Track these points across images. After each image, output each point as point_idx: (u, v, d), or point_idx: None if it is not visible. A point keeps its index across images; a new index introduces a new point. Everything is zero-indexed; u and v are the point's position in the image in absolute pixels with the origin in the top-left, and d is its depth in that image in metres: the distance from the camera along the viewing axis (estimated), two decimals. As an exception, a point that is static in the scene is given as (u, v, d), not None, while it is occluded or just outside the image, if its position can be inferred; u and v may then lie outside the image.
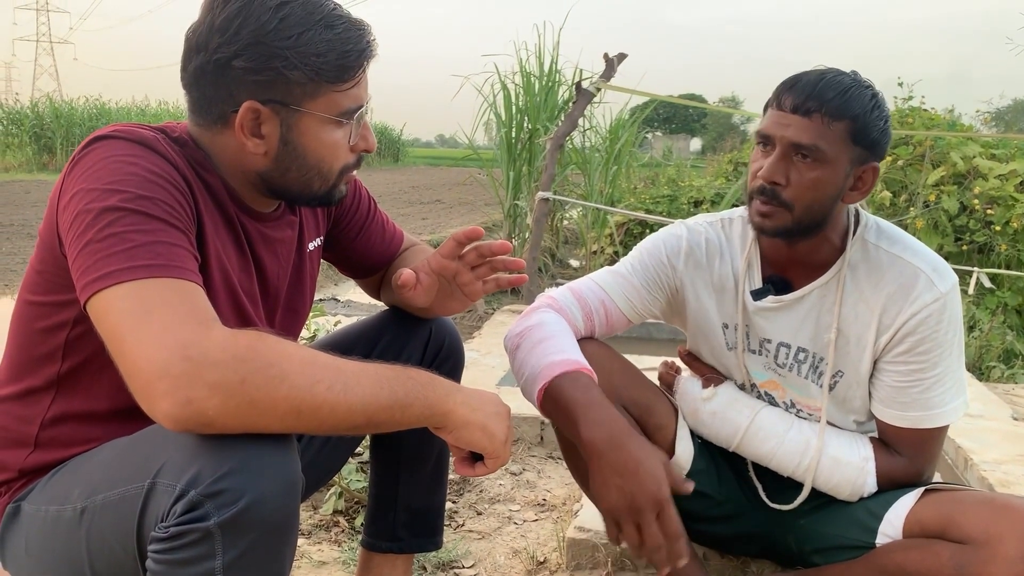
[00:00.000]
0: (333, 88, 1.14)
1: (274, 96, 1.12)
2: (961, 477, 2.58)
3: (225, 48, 1.09)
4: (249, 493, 0.91)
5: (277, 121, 1.14)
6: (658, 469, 1.26)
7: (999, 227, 6.00)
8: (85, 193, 1.02)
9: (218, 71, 1.11)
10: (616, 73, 5.80)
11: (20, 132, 21.35)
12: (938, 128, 7.02)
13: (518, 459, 2.68)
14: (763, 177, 1.39)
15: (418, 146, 55.63)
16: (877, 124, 1.37)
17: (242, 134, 1.14)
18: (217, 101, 1.13)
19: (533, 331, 1.48)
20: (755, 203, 1.42)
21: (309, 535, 2.08)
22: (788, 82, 1.39)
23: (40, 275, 1.13)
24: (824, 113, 1.33)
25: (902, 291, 1.42)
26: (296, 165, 1.18)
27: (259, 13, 1.09)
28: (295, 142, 1.16)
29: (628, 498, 1.25)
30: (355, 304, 5.67)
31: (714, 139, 39.61)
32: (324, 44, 1.11)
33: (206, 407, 0.90)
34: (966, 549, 1.31)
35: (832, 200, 1.40)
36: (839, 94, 1.34)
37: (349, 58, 1.13)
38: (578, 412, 1.32)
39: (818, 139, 1.34)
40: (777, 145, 1.38)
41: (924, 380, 1.43)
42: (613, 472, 1.27)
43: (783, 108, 1.37)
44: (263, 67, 1.09)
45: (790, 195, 1.38)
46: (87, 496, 1.04)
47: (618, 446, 1.28)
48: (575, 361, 1.40)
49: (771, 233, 1.42)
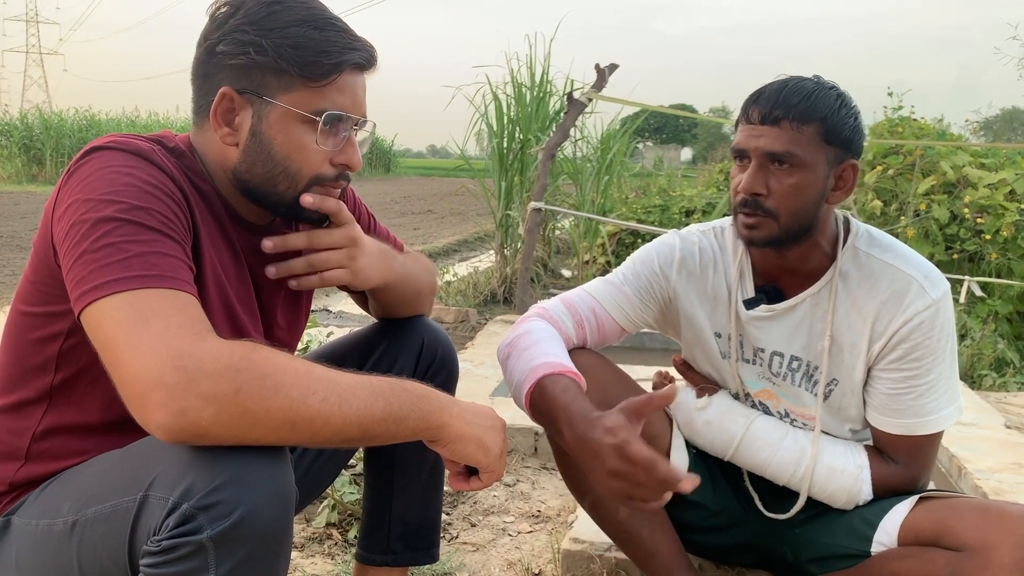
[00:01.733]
0: (307, 84, 1.13)
1: (248, 85, 1.12)
2: (955, 486, 2.58)
3: (214, 35, 1.12)
4: (242, 506, 0.90)
5: (250, 111, 1.14)
6: (603, 423, 1.21)
7: (989, 236, 6.03)
8: (81, 204, 1.02)
9: (206, 60, 1.14)
10: (607, 84, 5.83)
11: (10, 144, 21.33)
12: (928, 137, 7.06)
13: (512, 470, 2.67)
14: (743, 190, 1.40)
15: (409, 156, 55.68)
16: (847, 122, 1.38)
17: (216, 121, 1.14)
18: (205, 92, 1.15)
19: (521, 339, 1.48)
20: (740, 217, 1.43)
21: (302, 548, 2.07)
22: (753, 96, 1.41)
23: (34, 285, 1.12)
24: (792, 119, 1.36)
25: (895, 298, 1.42)
26: (262, 160, 1.16)
27: (251, 5, 1.12)
28: (264, 134, 1.14)
29: (624, 478, 1.18)
30: (347, 315, 5.66)
31: (705, 149, 39.82)
32: (305, 40, 1.11)
33: (200, 417, 0.89)
34: (961, 556, 1.30)
35: (816, 203, 1.41)
36: (803, 98, 1.36)
37: (327, 56, 1.13)
38: (559, 415, 1.31)
39: (790, 145, 1.36)
40: (752, 157, 1.39)
41: (918, 387, 1.43)
42: (596, 458, 1.21)
43: (752, 121, 1.39)
44: (239, 51, 1.11)
45: (773, 204, 1.39)
46: (78, 509, 1.03)
47: (581, 435, 1.23)
48: (559, 364, 1.39)
49: (761, 244, 1.43)
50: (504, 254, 6.61)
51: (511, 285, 6.27)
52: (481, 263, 8.53)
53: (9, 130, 21.57)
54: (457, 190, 9.30)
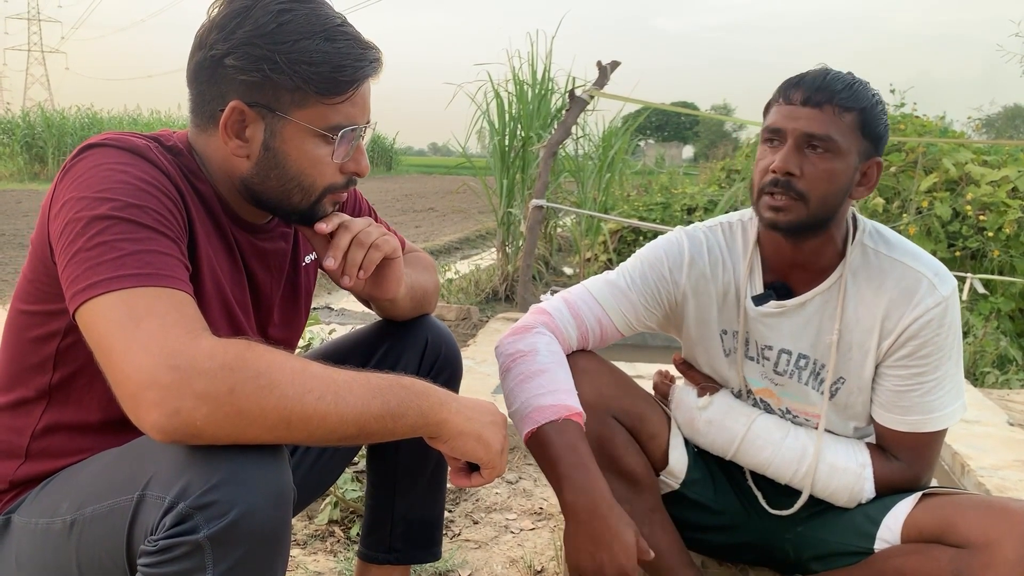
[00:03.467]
0: (322, 100, 1.11)
1: (261, 100, 1.10)
2: (958, 483, 2.58)
3: (220, 45, 1.08)
4: (239, 505, 0.89)
5: (262, 125, 1.12)
6: (630, 543, 1.32)
7: (992, 233, 6.02)
8: (76, 201, 1.01)
9: (212, 68, 1.10)
10: (609, 81, 5.82)
11: (11, 142, 21.33)
12: (930, 135, 7.05)
13: (514, 468, 2.67)
14: (777, 168, 1.37)
15: (411, 154, 55.69)
16: (881, 118, 1.39)
17: (225, 134, 1.12)
18: (209, 99, 1.12)
19: (526, 359, 1.47)
20: (766, 199, 1.40)
21: (304, 545, 2.06)
22: (793, 79, 1.40)
23: (31, 284, 1.12)
24: (835, 103, 1.35)
25: (904, 296, 1.42)
26: (276, 174, 1.15)
27: (259, 15, 1.08)
28: (277, 149, 1.13)
29: (598, 566, 1.31)
30: (349, 313, 5.66)
31: (706, 146, 39.78)
32: (319, 55, 1.08)
33: (194, 417, 0.88)
34: (965, 553, 1.30)
35: (843, 193, 1.40)
36: (847, 87, 1.36)
37: (343, 72, 1.11)
38: (562, 472, 1.35)
39: (831, 129, 1.35)
40: (789, 137, 1.37)
41: (924, 384, 1.43)
42: (589, 539, 1.32)
43: (792, 102, 1.38)
44: (252, 68, 1.08)
45: (805, 186, 1.37)
46: (76, 508, 1.02)
47: (597, 516, 1.33)
48: (564, 406, 1.40)
49: (785, 227, 1.40)
50: (506, 252, 6.60)
51: (513, 283, 6.28)
52: (483, 261, 8.53)
53: (11, 128, 21.57)
54: (459, 188, 9.31)
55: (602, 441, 1.51)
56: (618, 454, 1.52)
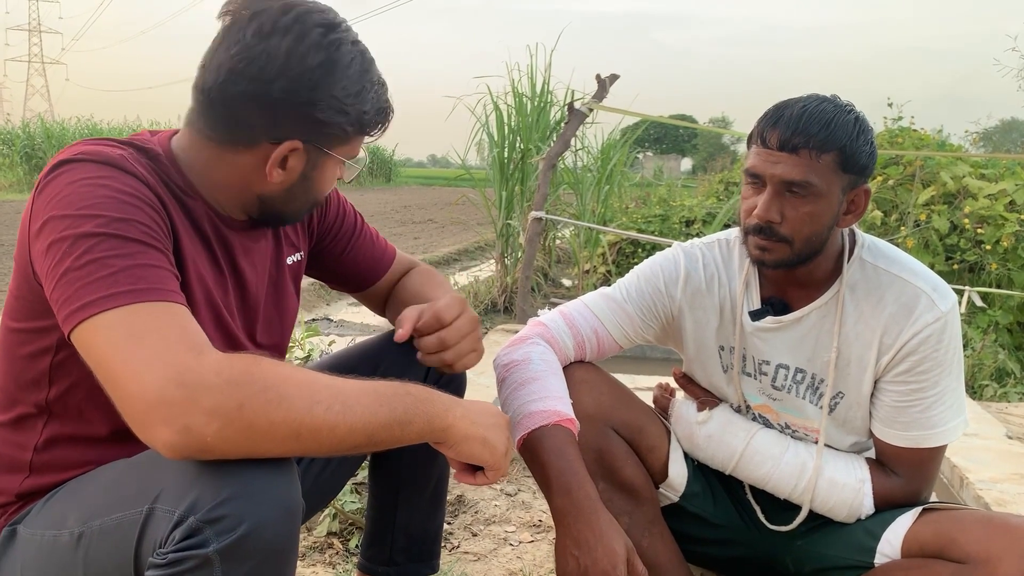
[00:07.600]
0: (359, 137, 1.19)
1: (314, 138, 1.14)
2: (957, 496, 2.58)
3: (279, 81, 1.08)
4: (249, 519, 0.90)
5: (305, 158, 1.16)
6: (617, 548, 1.29)
7: (989, 246, 6.04)
8: (58, 220, 0.99)
9: (265, 102, 1.09)
10: (608, 94, 5.84)
11: (11, 152, 21.33)
12: (928, 148, 7.08)
13: (513, 480, 2.67)
14: (758, 217, 1.38)
15: (410, 166, 55.74)
16: (864, 149, 1.36)
17: (275, 168, 1.15)
18: (251, 127, 1.12)
19: (520, 368, 1.48)
20: (752, 239, 1.41)
21: (303, 557, 2.06)
22: (771, 117, 1.37)
23: (19, 301, 1.11)
24: (811, 147, 1.33)
25: (904, 311, 1.42)
26: (303, 197, 1.22)
27: (310, 52, 1.09)
28: (313, 178, 1.20)
29: (582, 571, 1.28)
30: (348, 324, 5.65)
31: (705, 159, 39.86)
32: (371, 101, 1.16)
33: (204, 433, 0.88)
34: (965, 568, 1.30)
35: (828, 228, 1.41)
36: (823, 127, 1.33)
37: (386, 115, 1.20)
38: (550, 476, 1.35)
39: (808, 174, 1.34)
40: (768, 184, 1.37)
41: (924, 399, 1.43)
42: (573, 542, 1.30)
43: (769, 146, 1.36)
44: (312, 110, 1.11)
45: (787, 230, 1.38)
46: (84, 521, 1.02)
47: (582, 519, 1.31)
48: (555, 412, 1.40)
49: (772, 266, 1.43)
50: (505, 263, 6.61)
51: (512, 294, 6.28)
52: (482, 272, 8.52)
53: (11, 139, 21.59)
54: (458, 200, 9.33)
55: (601, 452, 1.51)
56: (617, 465, 1.52)
